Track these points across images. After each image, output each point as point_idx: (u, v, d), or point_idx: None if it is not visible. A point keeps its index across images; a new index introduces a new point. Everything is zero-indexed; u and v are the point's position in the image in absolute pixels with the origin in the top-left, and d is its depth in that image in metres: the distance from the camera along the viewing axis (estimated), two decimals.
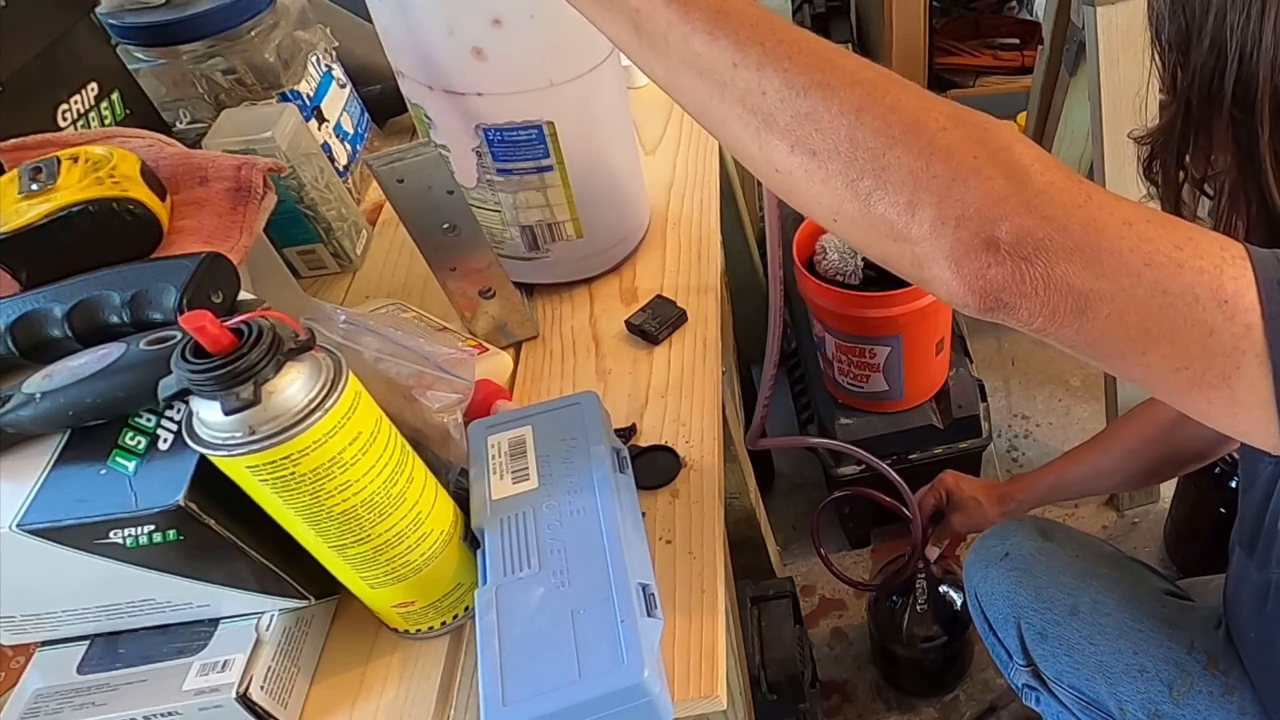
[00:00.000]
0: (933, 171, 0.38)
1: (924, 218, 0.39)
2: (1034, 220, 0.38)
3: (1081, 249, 0.38)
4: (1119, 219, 0.39)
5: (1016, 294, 0.39)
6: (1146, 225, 0.40)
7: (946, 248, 0.38)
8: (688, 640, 0.53)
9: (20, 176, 0.55)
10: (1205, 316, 0.40)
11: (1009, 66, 2.02)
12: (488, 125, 0.66)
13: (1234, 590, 0.82)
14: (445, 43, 0.62)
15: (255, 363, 0.40)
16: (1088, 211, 0.39)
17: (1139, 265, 0.39)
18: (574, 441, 0.55)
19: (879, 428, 1.32)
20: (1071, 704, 0.91)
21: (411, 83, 0.67)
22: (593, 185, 0.72)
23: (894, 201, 0.39)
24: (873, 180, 0.39)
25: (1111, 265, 0.39)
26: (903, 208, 0.39)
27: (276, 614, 0.53)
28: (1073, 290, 0.39)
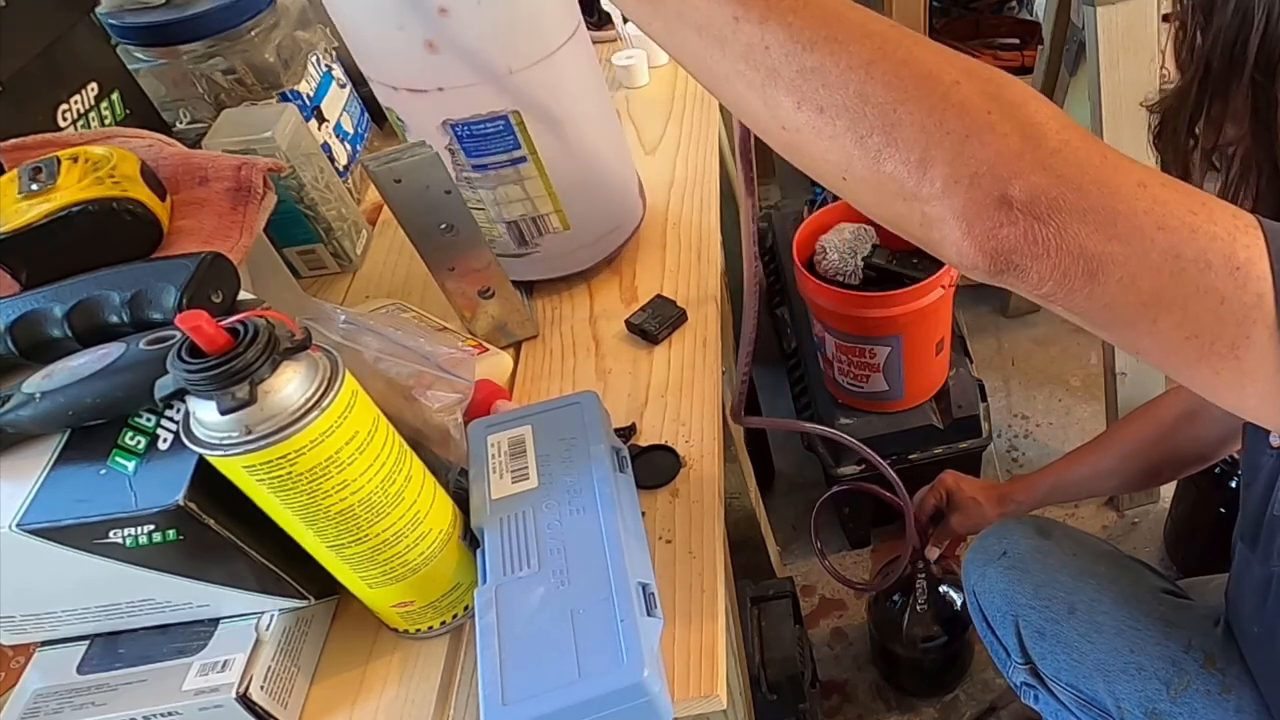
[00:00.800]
0: (945, 128, 0.37)
1: (935, 175, 0.37)
2: (1048, 179, 0.37)
3: (1095, 210, 0.37)
4: (1134, 180, 0.39)
5: (1028, 255, 0.38)
6: (1161, 188, 0.39)
7: (958, 206, 0.37)
8: (688, 640, 0.53)
9: (20, 176, 0.55)
10: (1217, 283, 0.39)
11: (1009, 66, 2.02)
12: (454, 121, 0.66)
13: (1236, 585, 0.82)
14: (397, 38, 0.61)
15: (251, 362, 0.40)
16: (1103, 171, 0.38)
17: (1153, 228, 0.38)
18: (574, 441, 0.55)
19: (879, 428, 1.31)
20: (1069, 702, 0.91)
21: (379, 85, 0.67)
22: (572, 174, 0.71)
23: (904, 158, 0.38)
24: (882, 136, 0.38)
25: (1125, 228, 0.38)
26: (914, 165, 0.38)
27: (276, 614, 0.53)
28: (1085, 252, 0.38)
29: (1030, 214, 0.37)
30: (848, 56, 0.38)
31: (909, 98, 0.37)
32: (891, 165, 0.38)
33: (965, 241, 0.38)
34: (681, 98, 1.01)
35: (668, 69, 1.06)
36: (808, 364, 1.48)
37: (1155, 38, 1.15)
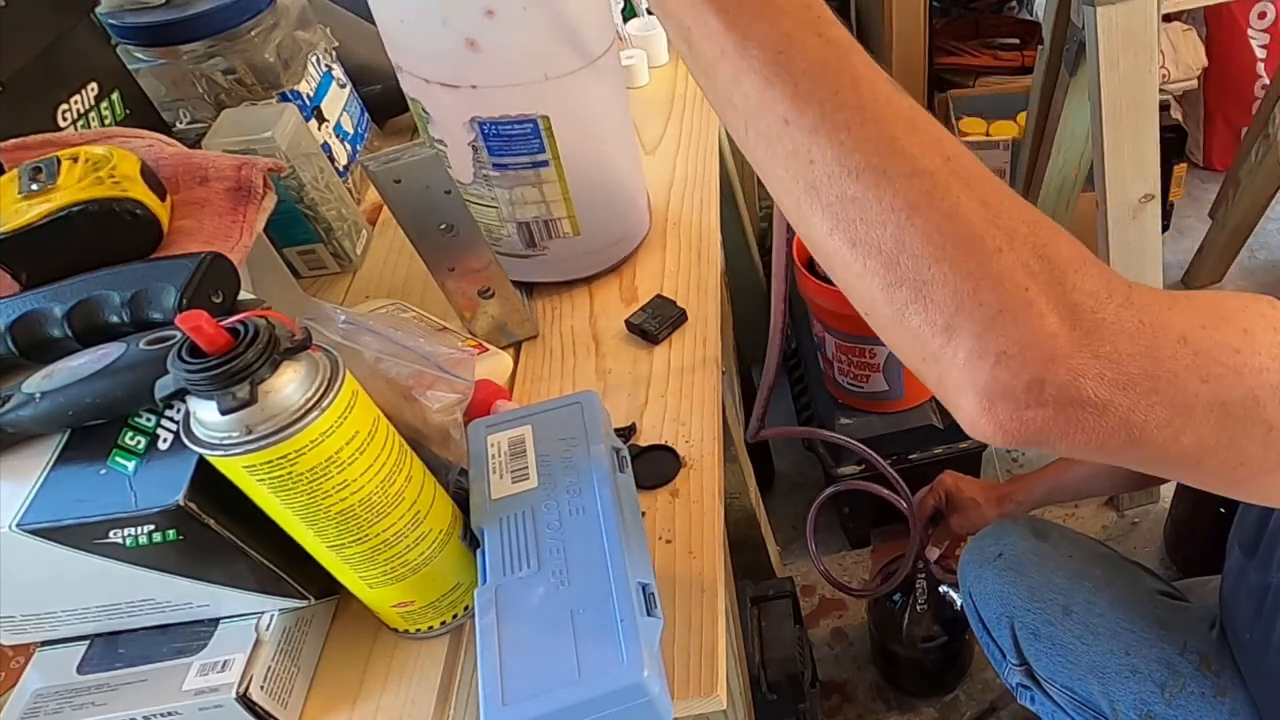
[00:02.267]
0: (979, 298, 0.34)
1: (960, 345, 0.35)
2: (1085, 361, 0.34)
3: (1136, 381, 0.35)
4: (1174, 337, 0.36)
5: (1058, 435, 0.35)
6: (1201, 333, 0.37)
7: (980, 382, 0.35)
8: (688, 640, 0.53)
9: (20, 176, 0.55)
10: (1265, 416, 0.37)
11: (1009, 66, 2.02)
12: (483, 119, 0.66)
13: (1231, 591, 0.82)
14: (439, 34, 0.62)
15: (251, 362, 0.40)
16: (1143, 338, 0.35)
17: (1196, 384, 0.36)
18: (574, 441, 0.55)
19: (879, 428, 1.32)
20: (1065, 704, 0.91)
21: (409, 77, 0.67)
22: (589, 182, 0.72)
23: (930, 319, 0.35)
24: (911, 291, 0.35)
25: (1168, 392, 0.36)
26: (939, 329, 0.35)
27: (276, 614, 0.53)
28: (1127, 424, 0.35)
29: (1063, 400, 0.35)
30: (892, 195, 0.35)
31: (945, 258, 0.34)
32: (916, 321, 0.35)
33: (983, 418, 0.36)
34: (681, 98, 1.01)
35: (668, 69, 1.06)
36: (808, 364, 1.48)
37: (1155, 38, 1.15)
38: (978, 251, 0.34)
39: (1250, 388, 0.37)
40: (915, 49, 1.82)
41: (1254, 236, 1.91)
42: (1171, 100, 2.02)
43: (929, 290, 0.35)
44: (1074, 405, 0.35)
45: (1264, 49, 2.01)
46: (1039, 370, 0.34)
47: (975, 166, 0.36)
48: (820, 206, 0.36)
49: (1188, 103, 2.13)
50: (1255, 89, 2.03)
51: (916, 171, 0.35)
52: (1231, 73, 2.04)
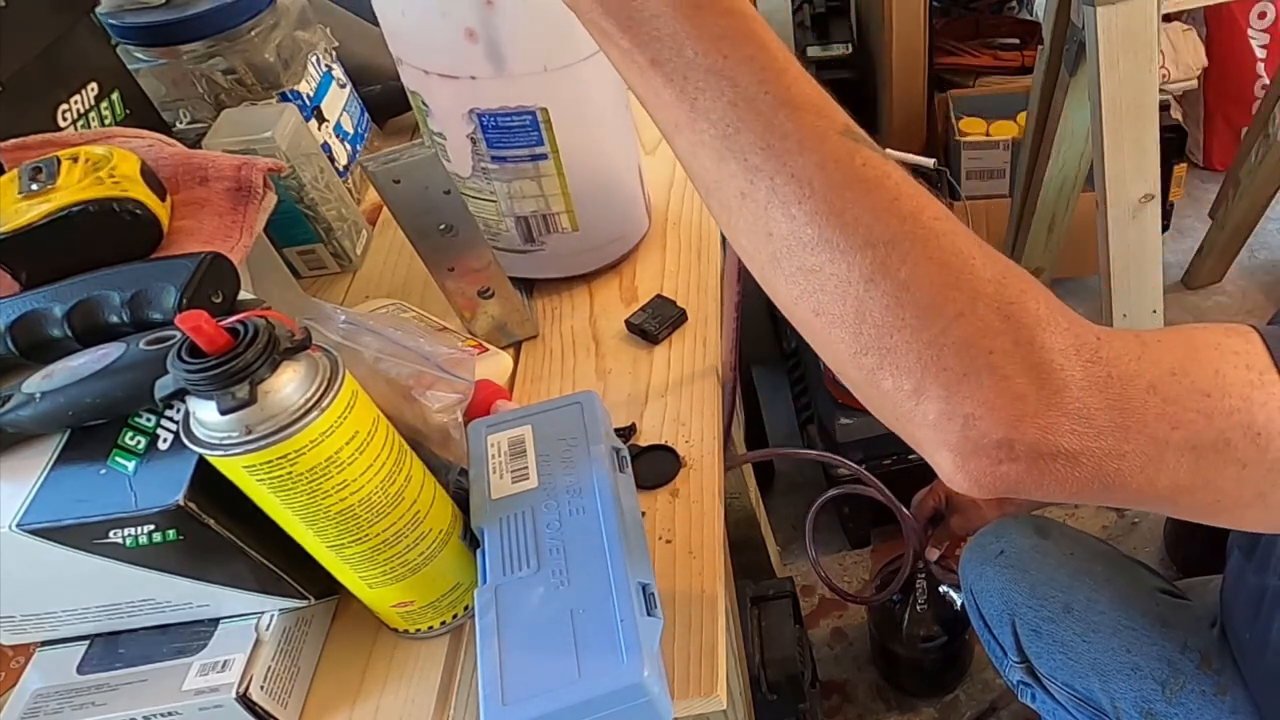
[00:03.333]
0: (942, 364, 0.34)
1: (929, 408, 0.35)
2: (1055, 418, 0.35)
3: (1107, 433, 0.35)
4: (1144, 387, 0.36)
5: (1033, 486, 0.36)
6: (1170, 380, 0.37)
7: (952, 442, 0.35)
8: (688, 640, 0.53)
9: (20, 176, 0.55)
10: (1238, 455, 0.38)
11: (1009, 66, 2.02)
12: (481, 110, 0.66)
13: (1230, 591, 0.82)
14: (439, 24, 0.62)
15: (251, 362, 0.40)
16: (1112, 391, 0.36)
17: (1167, 431, 0.36)
18: (574, 441, 0.55)
19: (879, 427, 1.29)
20: (1066, 701, 0.92)
21: (409, 69, 0.67)
22: (588, 177, 0.72)
23: (898, 384, 0.35)
24: (877, 358, 0.35)
25: (1140, 440, 0.36)
26: (908, 392, 0.35)
27: (276, 614, 0.53)
28: (1099, 473, 0.36)
29: (1034, 453, 0.35)
30: (847, 267, 0.35)
31: (905, 326, 0.34)
32: (885, 385, 0.36)
33: (958, 474, 0.36)
34: None
35: None
36: (808, 364, 1.48)
37: (1155, 38, 1.15)
38: (937, 319, 0.34)
39: (1221, 430, 0.37)
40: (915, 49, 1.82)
41: (1254, 236, 1.91)
42: (1171, 100, 2.01)
43: (893, 357, 0.35)
44: (1046, 459, 0.35)
45: (1264, 49, 2.01)
46: (1006, 431, 0.34)
47: (937, 223, 0.35)
48: (783, 277, 0.36)
49: (1188, 103, 2.13)
50: (1255, 89, 2.03)
51: (870, 242, 0.34)
52: (1231, 73, 2.04)
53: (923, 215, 0.35)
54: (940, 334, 0.34)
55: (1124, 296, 1.33)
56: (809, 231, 0.35)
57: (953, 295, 0.34)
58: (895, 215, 0.35)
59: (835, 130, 0.36)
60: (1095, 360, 0.36)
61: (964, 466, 0.36)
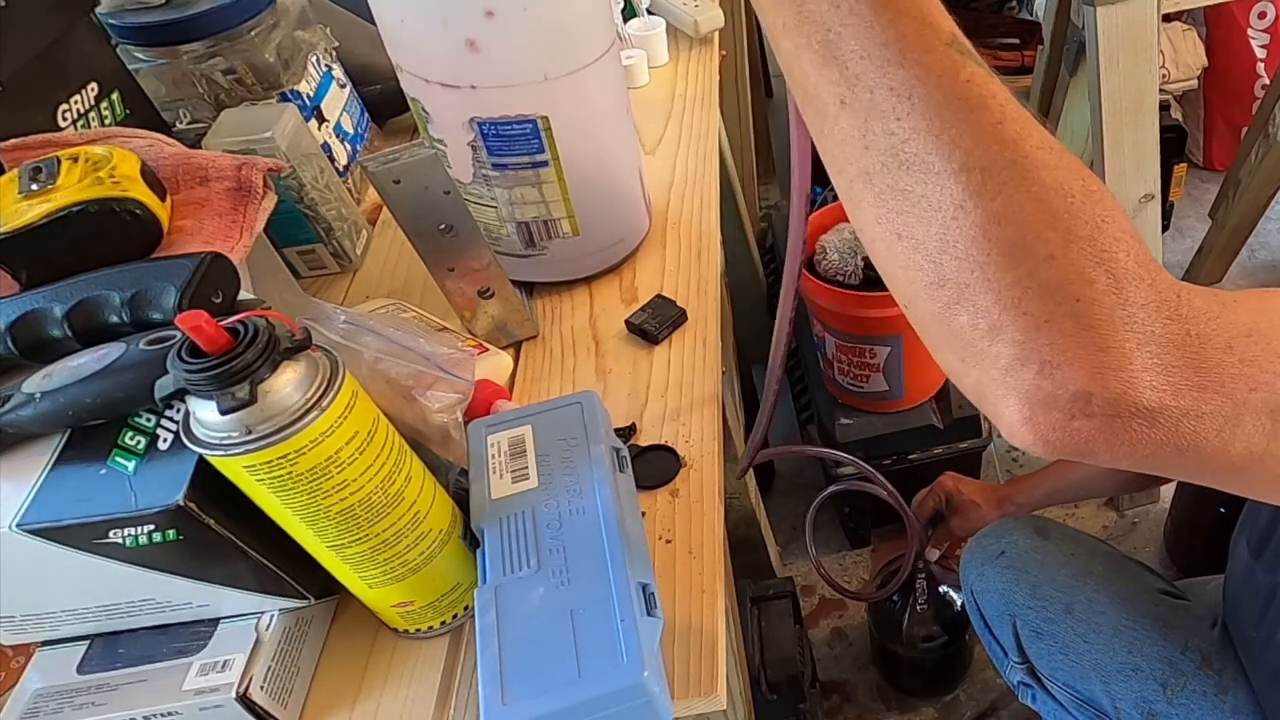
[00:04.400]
0: (1024, 307, 0.32)
1: (1003, 350, 0.33)
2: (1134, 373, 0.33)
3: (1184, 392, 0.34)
4: (1221, 346, 0.35)
5: (1104, 446, 0.34)
6: (1247, 341, 0.35)
7: (1024, 389, 0.33)
8: (688, 640, 0.53)
9: (20, 176, 0.55)
10: None
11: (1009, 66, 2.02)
12: (482, 119, 0.66)
13: (1236, 589, 0.82)
14: (440, 34, 0.62)
15: (251, 362, 0.40)
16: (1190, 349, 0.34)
17: (1245, 392, 0.35)
18: (574, 441, 0.55)
19: (879, 428, 1.32)
20: (1066, 702, 0.92)
21: (409, 77, 0.67)
22: (589, 183, 0.72)
23: (973, 322, 0.33)
24: (954, 291, 0.33)
25: (1217, 400, 0.34)
26: (983, 331, 0.33)
27: (276, 614, 0.53)
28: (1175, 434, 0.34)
29: (1111, 411, 0.33)
30: (939, 192, 0.33)
31: (991, 262, 0.32)
32: (959, 320, 0.34)
33: (1023, 427, 0.34)
34: (681, 98, 1.01)
35: (668, 69, 1.06)
36: (808, 364, 1.48)
37: (1155, 38, 1.15)
38: (1026, 259, 0.32)
39: None
40: None
41: (1254, 236, 1.91)
42: (1171, 100, 2.02)
43: (972, 292, 0.33)
44: (1122, 417, 0.33)
45: (1264, 49, 2.00)
46: (1085, 382, 0.33)
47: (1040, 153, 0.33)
48: (871, 194, 0.35)
49: (1188, 103, 2.13)
50: (1255, 89, 2.03)
51: (966, 167, 0.33)
52: (1231, 73, 2.04)
53: (1025, 142, 0.33)
54: (1027, 275, 0.32)
55: None
56: (906, 149, 0.33)
57: (1046, 235, 0.32)
58: (997, 140, 0.33)
59: (941, 41, 0.34)
60: (1175, 317, 0.34)
61: (1032, 418, 0.34)
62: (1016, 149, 0.33)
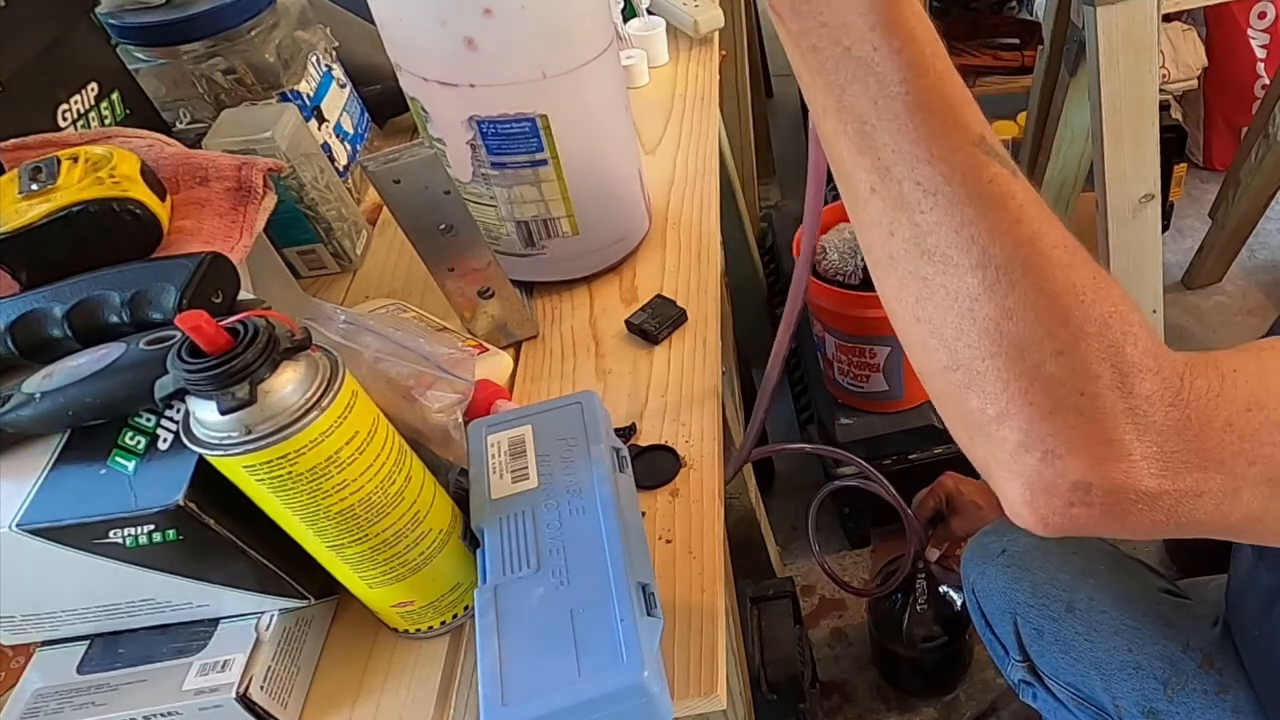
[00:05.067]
0: (1031, 397, 0.34)
1: (1009, 436, 0.35)
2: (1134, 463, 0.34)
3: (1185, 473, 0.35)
4: (1221, 425, 0.36)
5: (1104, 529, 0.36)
6: (1247, 416, 0.36)
7: (1027, 475, 0.35)
8: (688, 640, 0.53)
9: (20, 176, 0.55)
10: None
11: (1009, 66, 2.02)
12: (481, 118, 0.66)
13: (1239, 588, 0.81)
14: (438, 33, 0.62)
15: (251, 362, 0.40)
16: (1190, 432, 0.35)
17: (1244, 467, 0.36)
18: (574, 441, 0.55)
19: (879, 428, 1.31)
20: (1067, 700, 0.92)
21: (408, 76, 0.67)
22: (588, 181, 0.72)
23: (983, 406, 0.35)
24: (966, 377, 0.35)
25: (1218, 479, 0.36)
26: (991, 416, 0.35)
27: (276, 614, 0.53)
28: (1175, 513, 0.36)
29: (1112, 498, 0.34)
30: (957, 282, 0.35)
31: (1002, 353, 0.34)
32: (970, 404, 0.35)
33: (1025, 509, 0.36)
34: (681, 98, 1.01)
35: (668, 69, 1.06)
36: (808, 364, 1.48)
37: (1155, 38, 1.15)
38: (1035, 353, 0.34)
39: None
40: None
41: (1254, 236, 1.91)
42: (1171, 100, 2.02)
43: (983, 381, 0.35)
44: (1124, 503, 0.35)
45: (1264, 49, 2.00)
46: (1086, 473, 0.34)
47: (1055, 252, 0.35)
48: (894, 276, 0.37)
49: (1188, 103, 2.13)
50: (1255, 89, 2.03)
51: (983, 263, 0.34)
52: (1231, 73, 2.04)
53: (1041, 241, 0.35)
54: (1035, 367, 0.34)
55: None
56: (928, 241, 0.35)
57: (1056, 331, 0.34)
58: (1013, 239, 0.35)
59: (969, 141, 0.35)
60: (1178, 403, 0.35)
61: (1033, 502, 0.35)
62: (1032, 247, 0.35)
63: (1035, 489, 0.35)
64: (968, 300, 0.34)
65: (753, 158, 1.75)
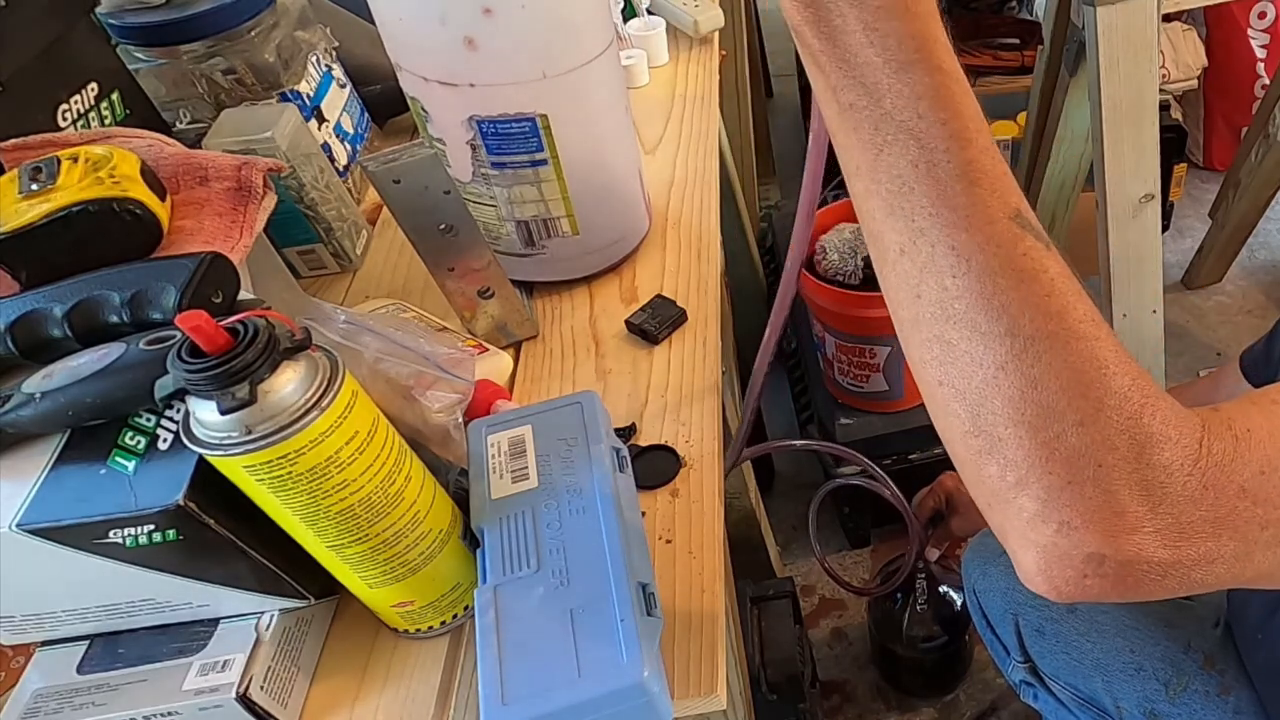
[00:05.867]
0: (1050, 467, 0.35)
1: (1026, 505, 0.35)
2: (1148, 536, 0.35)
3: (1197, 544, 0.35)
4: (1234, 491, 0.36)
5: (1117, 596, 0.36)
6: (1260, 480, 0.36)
7: (1042, 544, 0.35)
8: (688, 640, 0.53)
9: (20, 176, 0.55)
10: None
11: (1009, 66, 2.02)
12: (481, 117, 0.66)
13: (1242, 593, 0.82)
14: (438, 32, 0.62)
15: (251, 362, 0.40)
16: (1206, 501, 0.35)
17: (1256, 532, 0.36)
18: (574, 441, 0.55)
19: (879, 428, 1.31)
20: (1068, 701, 0.92)
21: (408, 75, 0.67)
22: (588, 181, 0.72)
23: (1002, 474, 0.35)
24: (987, 443, 0.36)
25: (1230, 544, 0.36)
26: (1010, 483, 0.35)
27: (276, 614, 0.53)
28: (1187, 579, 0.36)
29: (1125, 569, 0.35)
30: (983, 349, 0.35)
31: (1023, 422, 0.35)
32: (989, 470, 0.36)
33: (1038, 577, 0.36)
34: (681, 98, 1.01)
35: (668, 69, 1.06)
36: (808, 364, 1.48)
37: (1155, 38, 1.15)
38: (1056, 422, 0.34)
39: None
40: None
41: (1254, 236, 1.91)
42: (1171, 100, 2.01)
43: (1003, 447, 0.35)
44: (1134, 574, 0.35)
45: (1264, 49, 2.01)
46: (1100, 545, 0.34)
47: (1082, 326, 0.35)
48: (919, 338, 0.37)
49: (1188, 103, 2.13)
50: (1255, 89, 2.03)
51: (1011, 333, 0.35)
52: (1231, 73, 2.04)
53: (1069, 316, 0.35)
54: (1055, 438, 0.34)
55: (1124, 296, 1.33)
56: (956, 306, 0.35)
57: (1078, 403, 0.34)
58: (1042, 312, 0.35)
59: (1006, 214, 0.36)
60: (1194, 472, 0.36)
61: (1047, 570, 0.36)
62: (1060, 321, 0.35)
63: (1050, 559, 0.35)
64: (993, 368, 0.35)
65: (753, 158, 1.75)
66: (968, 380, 0.35)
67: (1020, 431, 0.35)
